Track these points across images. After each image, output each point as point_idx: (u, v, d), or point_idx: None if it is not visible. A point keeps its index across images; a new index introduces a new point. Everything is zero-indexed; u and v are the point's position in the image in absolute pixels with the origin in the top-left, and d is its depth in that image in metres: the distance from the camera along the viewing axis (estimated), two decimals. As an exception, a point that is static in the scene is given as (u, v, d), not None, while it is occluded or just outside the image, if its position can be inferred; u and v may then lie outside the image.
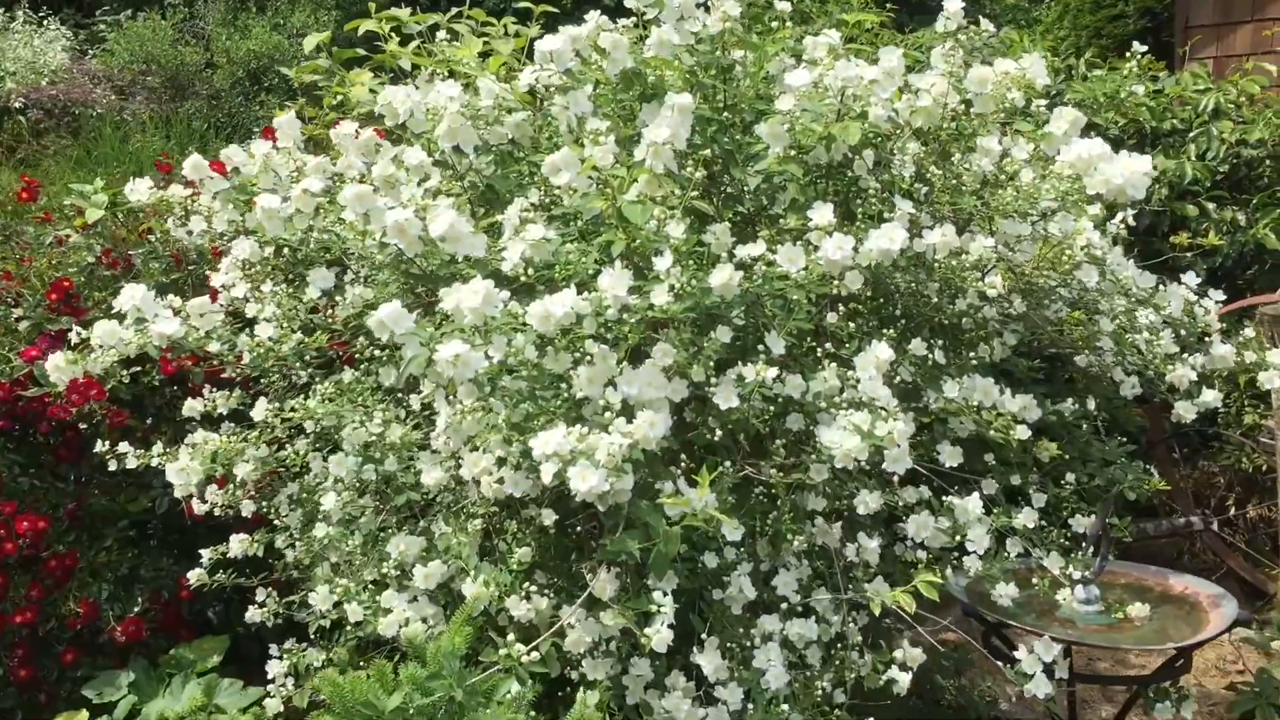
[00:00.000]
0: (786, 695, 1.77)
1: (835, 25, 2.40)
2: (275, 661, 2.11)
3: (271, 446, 2.17)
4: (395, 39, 2.97)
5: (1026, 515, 1.98)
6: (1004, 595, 1.96)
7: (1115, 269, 2.21)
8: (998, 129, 2.12)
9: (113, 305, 2.03)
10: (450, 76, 2.70)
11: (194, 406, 2.32)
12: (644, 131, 1.82)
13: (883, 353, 1.81)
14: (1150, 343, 2.14)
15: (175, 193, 2.34)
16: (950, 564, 1.97)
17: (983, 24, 2.09)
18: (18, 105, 6.93)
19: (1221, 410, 2.15)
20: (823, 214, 1.82)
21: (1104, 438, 2.25)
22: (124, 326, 2.01)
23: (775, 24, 2.29)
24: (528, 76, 2.11)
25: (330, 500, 2.00)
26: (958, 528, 1.87)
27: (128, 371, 2.20)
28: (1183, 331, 2.19)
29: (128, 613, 2.68)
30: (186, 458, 2.04)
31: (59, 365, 2.03)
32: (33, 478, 2.75)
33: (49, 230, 3.07)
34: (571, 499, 1.59)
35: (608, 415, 1.60)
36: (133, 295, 1.96)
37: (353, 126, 2.29)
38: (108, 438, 2.39)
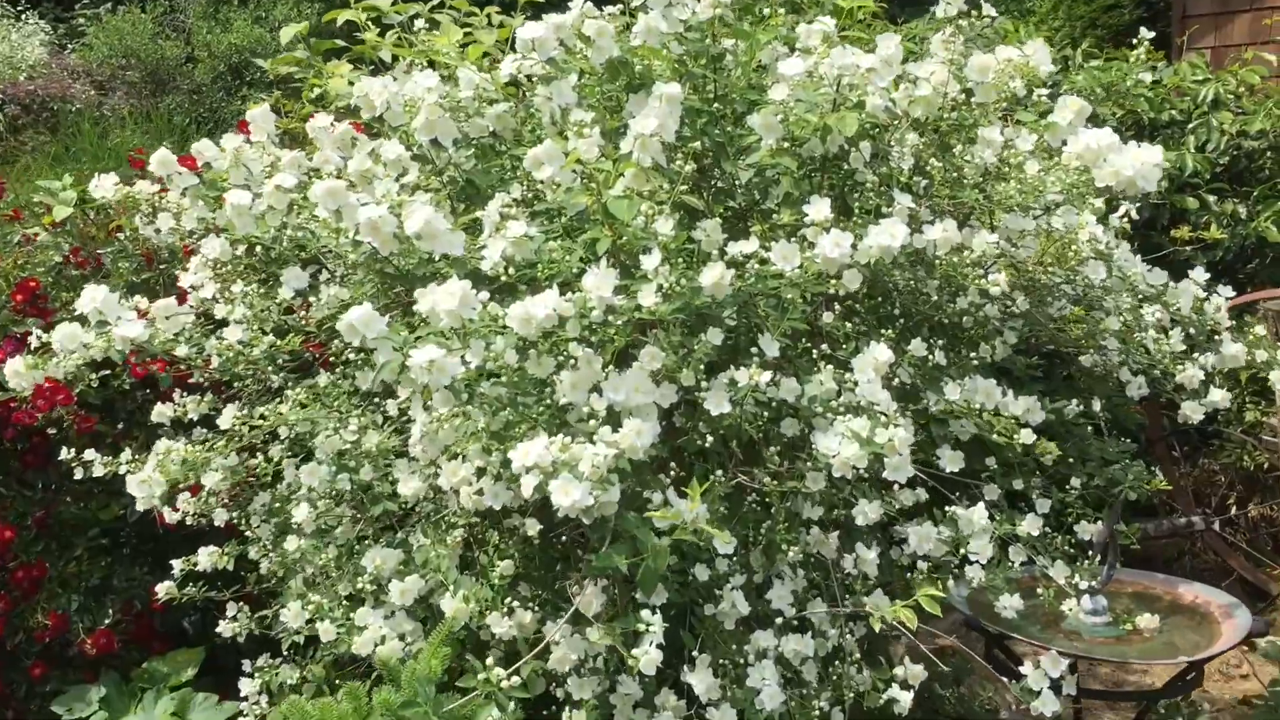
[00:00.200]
0: (782, 714, 1.69)
1: (831, 12, 2.31)
2: (247, 680, 2.01)
3: (242, 455, 2.07)
4: (374, 29, 2.88)
5: (1030, 522, 1.89)
6: (1008, 607, 1.87)
7: (1123, 265, 2.13)
8: (999, 119, 2.04)
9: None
10: (430, 67, 2.62)
11: (163, 412, 2.23)
12: (630, 123, 1.74)
13: (882, 354, 1.72)
14: (1158, 341, 2.06)
15: (142, 189, 2.24)
16: (951, 572, 1.89)
17: (985, 9, 2.01)
18: (-5, 102, 6.82)
19: (1222, 407, 2.06)
20: (819, 209, 1.72)
21: (1104, 436, 2.17)
22: (86, 330, 1.92)
23: (767, 11, 2.21)
24: (509, 66, 2.03)
25: (302, 512, 1.91)
26: (961, 539, 1.79)
27: (96, 375, 2.12)
28: (1192, 330, 2.10)
29: (99, 624, 2.60)
30: (149, 469, 1.95)
31: (18, 371, 1.94)
32: (-2, 486, 2.66)
33: (17, 229, 2.97)
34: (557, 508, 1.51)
35: (592, 423, 1.51)
36: (94, 297, 1.87)
37: (328, 119, 2.20)
38: (76, 444, 2.30)
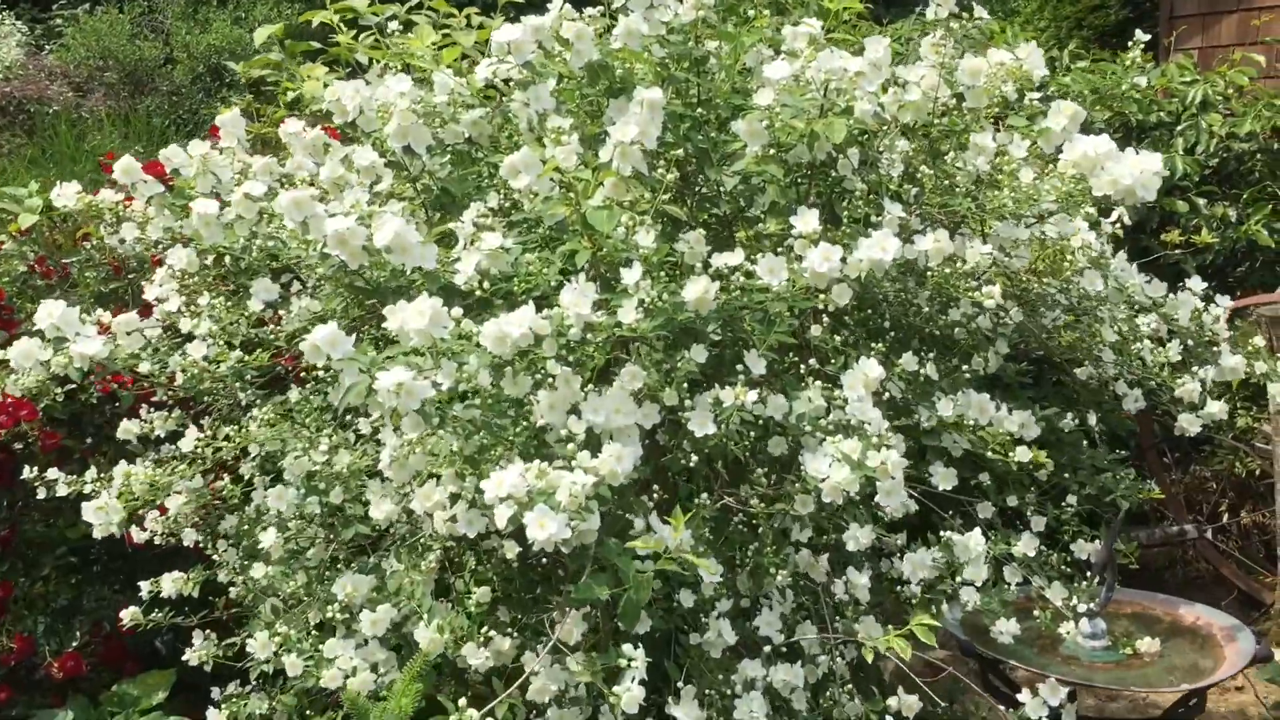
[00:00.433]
0: (771, 746, 1.63)
1: (817, 13, 2.25)
2: (214, 711, 1.93)
3: (209, 476, 2.00)
4: (348, 31, 2.81)
5: (1026, 542, 1.83)
6: (1004, 632, 1.81)
7: (1119, 274, 2.07)
8: (991, 125, 1.98)
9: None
10: (405, 70, 2.54)
11: (129, 429, 2.15)
12: (611, 130, 1.67)
13: (872, 370, 1.66)
14: (1155, 352, 2.00)
15: (105, 198, 2.16)
16: (944, 594, 1.82)
17: (976, 11, 1.94)
18: (-30, 104, 6.71)
19: (1219, 419, 2.00)
20: (807, 221, 1.65)
21: (1095, 445, 2.11)
22: (44, 346, 1.85)
23: (751, 13, 2.14)
24: (484, 70, 1.95)
25: (270, 537, 1.83)
26: (956, 566, 1.72)
27: (62, 390, 2.04)
28: (1190, 341, 2.04)
29: (66, 647, 2.51)
30: (107, 496, 1.87)
31: (-25, 387, 1.87)
32: (-40, 504, 2.57)
33: (-19, 237, 2.88)
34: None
35: (570, 447, 1.44)
36: (51, 312, 1.79)
37: (300, 124, 2.13)
38: (40, 461, 2.22)
